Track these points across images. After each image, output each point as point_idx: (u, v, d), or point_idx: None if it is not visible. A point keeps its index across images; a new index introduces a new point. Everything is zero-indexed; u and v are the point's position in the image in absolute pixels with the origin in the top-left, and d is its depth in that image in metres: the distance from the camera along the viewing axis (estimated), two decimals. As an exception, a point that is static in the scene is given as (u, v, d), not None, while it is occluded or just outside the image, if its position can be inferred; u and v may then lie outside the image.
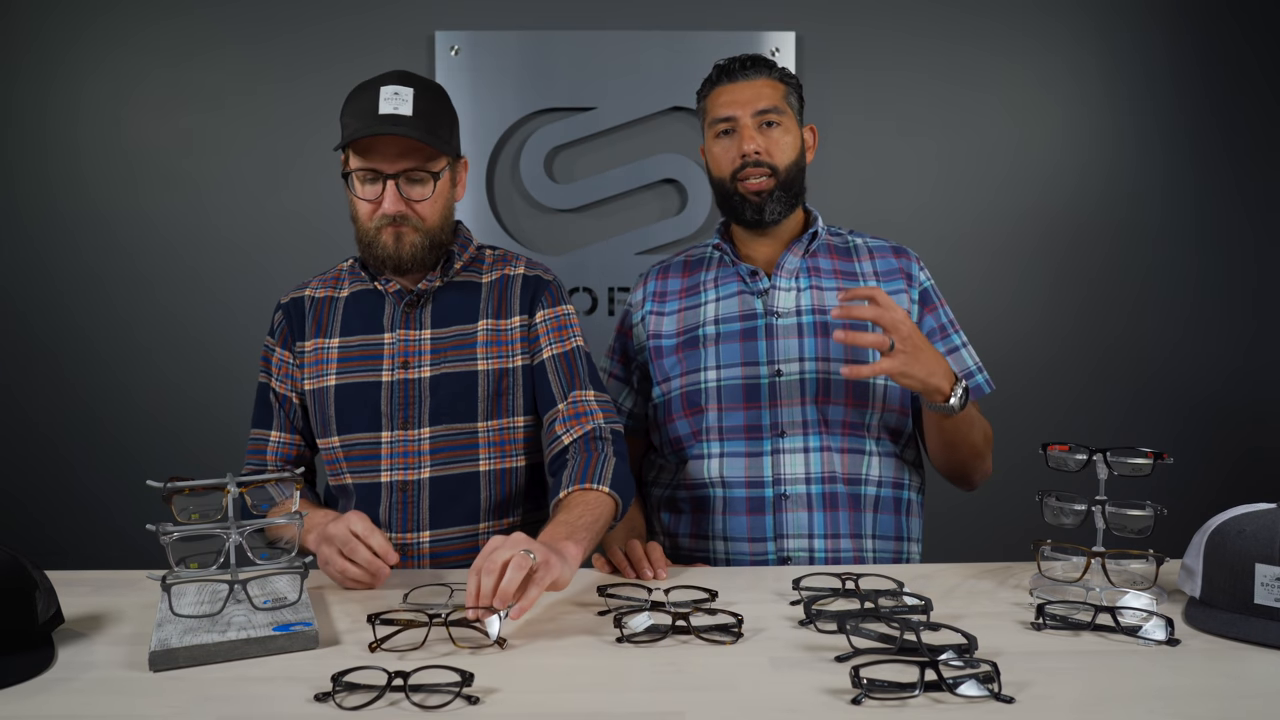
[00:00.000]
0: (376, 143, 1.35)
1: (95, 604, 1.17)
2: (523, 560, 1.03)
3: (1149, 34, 2.44)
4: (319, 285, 1.54)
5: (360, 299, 1.49)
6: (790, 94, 1.57)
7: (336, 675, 0.89)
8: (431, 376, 1.43)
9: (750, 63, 1.56)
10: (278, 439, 1.51)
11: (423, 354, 1.44)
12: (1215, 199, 2.48)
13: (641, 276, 1.71)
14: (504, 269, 1.52)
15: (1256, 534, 1.03)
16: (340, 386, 1.45)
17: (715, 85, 1.58)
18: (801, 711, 0.86)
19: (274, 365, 1.52)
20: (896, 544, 1.54)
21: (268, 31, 2.40)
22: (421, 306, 1.47)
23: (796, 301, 1.55)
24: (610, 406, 1.46)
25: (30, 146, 2.41)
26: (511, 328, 1.47)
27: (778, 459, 1.50)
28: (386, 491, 1.43)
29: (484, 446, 1.45)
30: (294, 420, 1.52)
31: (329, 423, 1.46)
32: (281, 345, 1.51)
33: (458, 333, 1.46)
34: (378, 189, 1.37)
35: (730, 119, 1.54)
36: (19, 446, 2.44)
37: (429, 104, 1.38)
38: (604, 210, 2.47)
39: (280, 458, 1.51)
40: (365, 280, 1.49)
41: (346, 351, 1.46)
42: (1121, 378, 2.50)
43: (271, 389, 1.52)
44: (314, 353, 1.48)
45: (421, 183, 1.38)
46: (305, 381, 1.49)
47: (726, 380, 1.53)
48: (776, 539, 1.49)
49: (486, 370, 1.44)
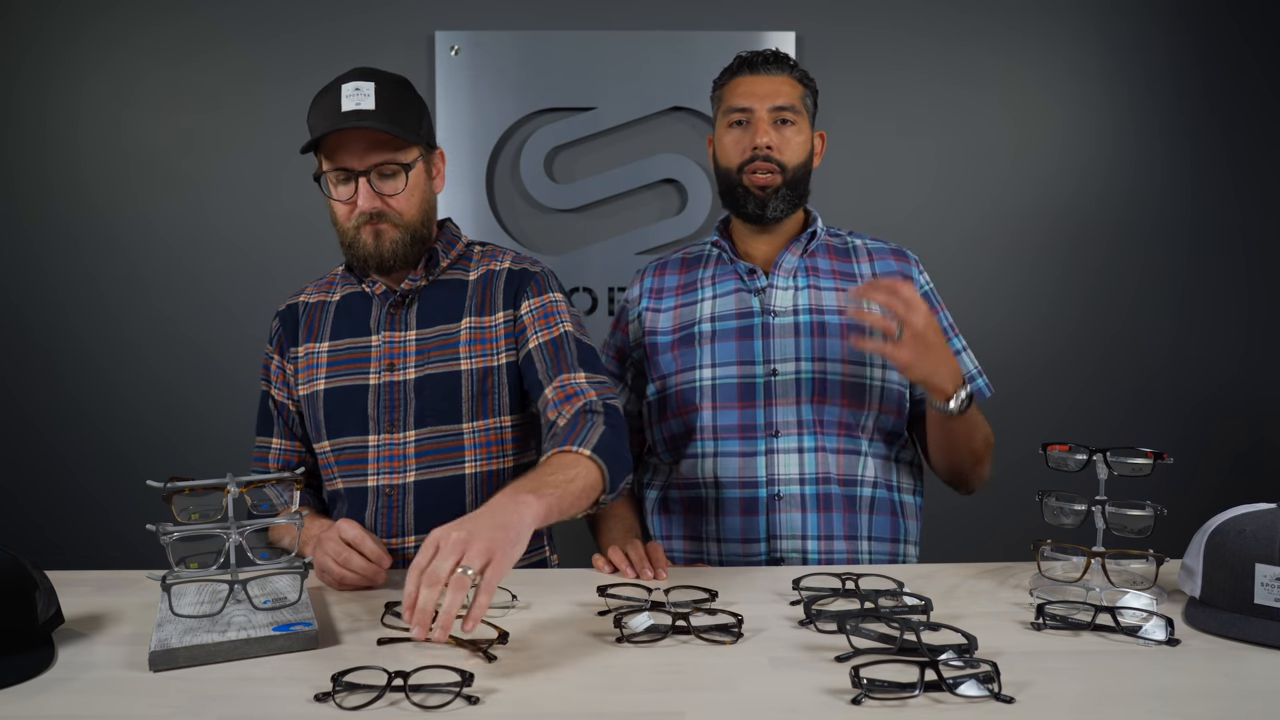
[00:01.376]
0: (344, 141, 1.33)
1: (95, 604, 1.17)
2: (462, 581, 0.92)
3: (1149, 34, 2.44)
4: (314, 290, 1.54)
5: (350, 302, 1.49)
6: (807, 95, 1.57)
7: (336, 675, 0.89)
8: (416, 378, 1.41)
9: (774, 57, 1.55)
10: (280, 446, 1.52)
11: (408, 355, 1.43)
12: (1215, 199, 2.48)
13: (639, 273, 1.70)
14: (489, 264, 1.49)
15: (1256, 534, 1.03)
16: (329, 390, 1.45)
17: (735, 75, 1.57)
18: (801, 711, 0.86)
19: (272, 373, 1.53)
20: (892, 545, 1.53)
21: (267, 31, 2.40)
22: (407, 307, 1.45)
23: (794, 301, 1.55)
24: (606, 385, 1.37)
25: (30, 147, 2.40)
26: (495, 324, 1.44)
27: (772, 459, 1.50)
28: (373, 496, 1.42)
29: (469, 448, 1.42)
30: (293, 427, 1.52)
31: (320, 427, 1.45)
32: (278, 353, 1.52)
33: (441, 332, 1.43)
34: (351, 189, 1.35)
35: (746, 110, 1.53)
36: (19, 447, 2.44)
37: (391, 95, 1.35)
38: (604, 210, 2.47)
39: (282, 465, 1.51)
40: (354, 283, 1.49)
41: (336, 355, 1.46)
42: (1121, 378, 2.50)
43: (271, 397, 1.52)
44: (306, 358, 1.48)
45: (393, 176, 1.36)
46: (300, 387, 1.49)
47: (721, 379, 1.53)
48: (770, 540, 1.49)
49: (470, 370, 1.42)
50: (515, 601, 1.17)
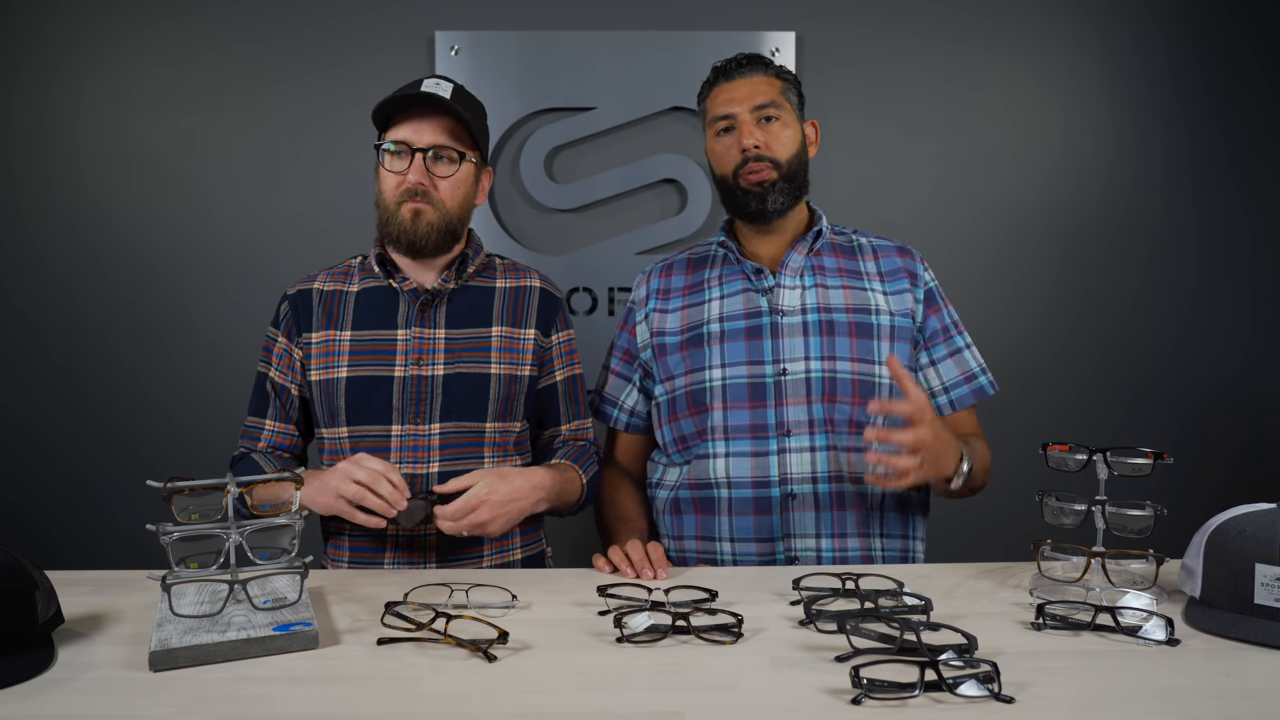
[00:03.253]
0: (412, 118, 1.44)
1: (95, 604, 1.17)
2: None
3: (1149, 34, 2.44)
4: (327, 279, 1.57)
5: (372, 294, 1.53)
6: (788, 89, 1.58)
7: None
8: (445, 375, 1.48)
9: (746, 61, 1.57)
10: (272, 428, 1.55)
11: (436, 352, 1.49)
12: (1215, 198, 2.48)
13: (644, 274, 1.70)
14: (519, 279, 1.59)
15: (1256, 534, 1.03)
16: (352, 379, 1.48)
17: (713, 86, 1.59)
18: (801, 711, 0.86)
19: (275, 355, 1.55)
20: (903, 542, 1.54)
21: (267, 31, 2.40)
22: (436, 306, 1.52)
23: (801, 300, 1.55)
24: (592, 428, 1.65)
25: (30, 146, 2.40)
26: (525, 338, 1.54)
27: (784, 458, 1.50)
28: None
29: (489, 446, 1.51)
30: (290, 411, 1.55)
31: (338, 414, 1.49)
32: (285, 336, 1.54)
33: (472, 335, 1.51)
34: (405, 163, 1.45)
35: (729, 116, 1.54)
36: (19, 447, 2.44)
37: (467, 99, 1.49)
38: (604, 210, 2.47)
39: (273, 446, 1.55)
40: (378, 277, 1.54)
41: (359, 345, 1.50)
42: (1121, 377, 2.50)
43: (270, 379, 1.54)
44: (322, 344, 1.51)
45: (449, 160, 1.46)
46: (312, 372, 1.51)
47: (731, 379, 1.53)
48: (784, 539, 1.50)
49: (499, 374, 1.50)
50: (515, 601, 1.17)
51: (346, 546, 1.51)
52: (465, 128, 1.46)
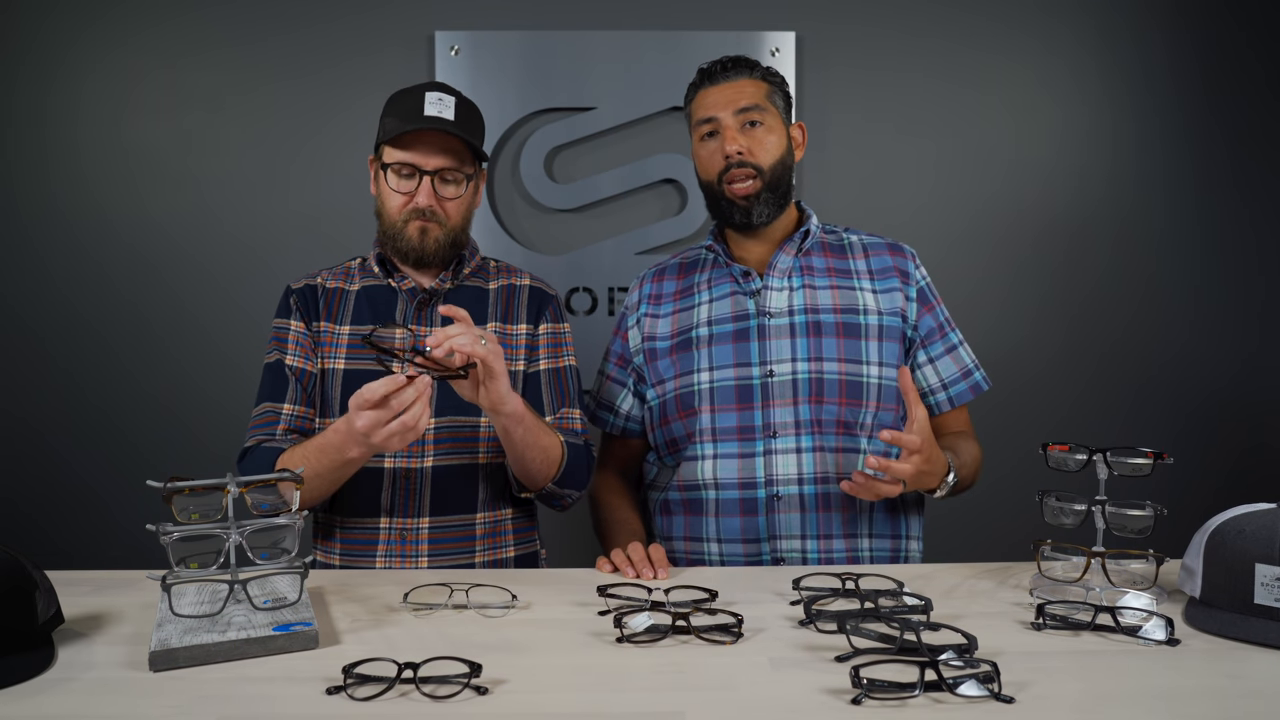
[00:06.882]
0: (418, 141, 1.45)
1: (95, 604, 1.17)
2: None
3: (1149, 34, 2.44)
4: (329, 276, 1.60)
5: (372, 293, 1.56)
6: (774, 93, 1.57)
7: (347, 667, 0.90)
8: None
9: (731, 64, 1.56)
10: (291, 411, 1.51)
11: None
12: (1215, 198, 2.48)
13: (638, 279, 1.71)
14: (510, 279, 1.62)
15: (1256, 534, 1.03)
16: (349, 372, 1.50)
17: (698, 89, 1.59)
18: (801, 711, 0.86)
19: (290, 340, 1.54)
20: (894, 542, 1.54)
21: (267, 31, 2.40)
22: (433, 305, 1.54)
23: (789, 301, 1.55)
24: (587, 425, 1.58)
25: (30, 146, 2.40)
26: (518, 333, 1.57)
27: (770, 460, 1.50)
28: (389, 477, 1.49)
29: (483, 441, 1.52)
30: (310, 393, 1.53)
31: (331, 405, 1.51)
32: (299, 320, 1.54)
33: None
34: (412, 184, 1.46)
35: (712, 120, 1.54)
36: (19, 447, 2.44)
37: (468, 113, 1.50)
38: (604, 210, 2.47)
39: (294, 430, 1.50)
40: (378, 277, 1.56)
41: (356, 340, 1.52)
42: (1122, 377, 2.50)
43: (286, 364, 1.53)
44: (324, 334, 1.54)
45: (455, 183, 1.49)
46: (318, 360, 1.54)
47: (719, 381, 1.53)
48: (770, 540, 1.49)
49: None
50: (515, 601, 1.17)
51: (338, 550, 1.51)
52: (469, 147, 1.48)
